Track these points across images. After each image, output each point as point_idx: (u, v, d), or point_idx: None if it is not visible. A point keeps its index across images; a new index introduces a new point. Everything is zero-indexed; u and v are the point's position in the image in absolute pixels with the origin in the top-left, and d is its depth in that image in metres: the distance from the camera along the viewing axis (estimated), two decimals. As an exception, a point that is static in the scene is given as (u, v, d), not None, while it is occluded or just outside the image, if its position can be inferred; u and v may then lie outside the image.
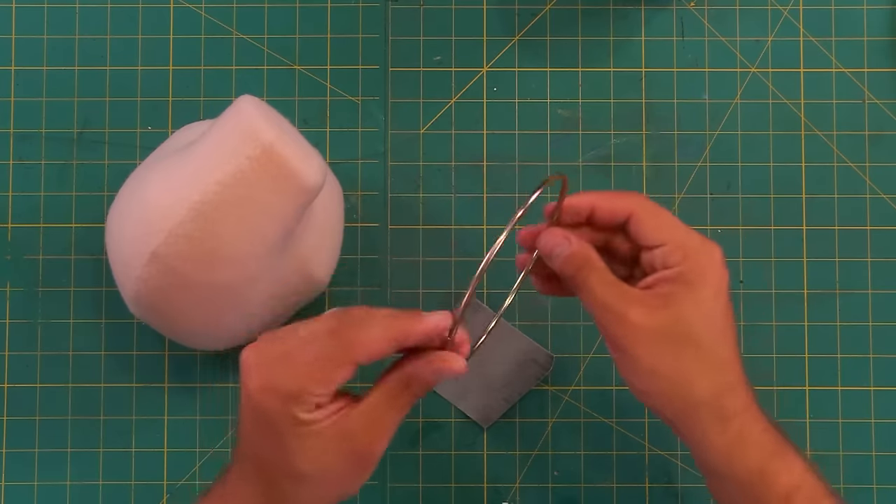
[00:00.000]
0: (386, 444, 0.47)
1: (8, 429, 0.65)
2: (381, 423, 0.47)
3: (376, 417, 0.47)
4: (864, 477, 0.64)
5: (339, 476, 0.47)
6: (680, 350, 0.46)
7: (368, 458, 0.47)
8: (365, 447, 0.46)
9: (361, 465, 0.47)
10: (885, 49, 0.66)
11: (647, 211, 0.48)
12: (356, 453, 0.46)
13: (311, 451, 0.46)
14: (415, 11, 0.67)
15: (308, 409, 0.45)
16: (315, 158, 0.56)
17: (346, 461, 0.46)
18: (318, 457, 0.46)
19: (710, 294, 0.47)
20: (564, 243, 0.48)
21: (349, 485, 0.48)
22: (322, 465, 0.46)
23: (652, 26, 0.67)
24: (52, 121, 0.66)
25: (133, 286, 0.56)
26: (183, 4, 0.67)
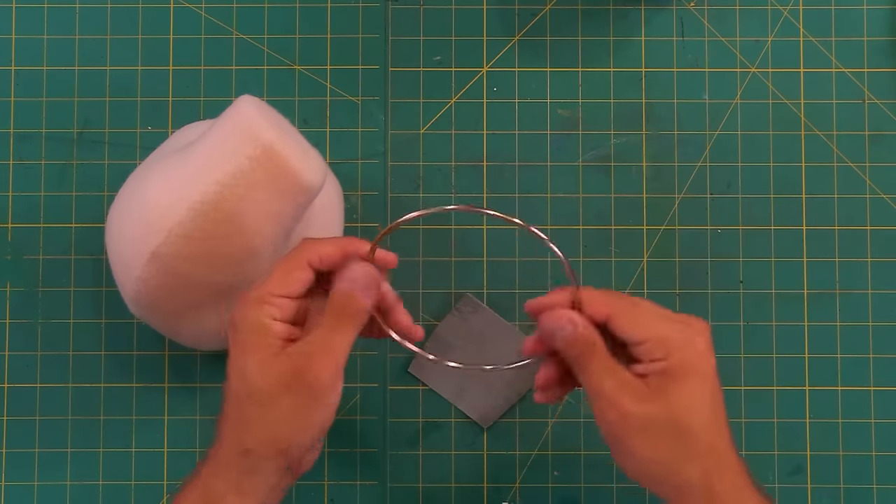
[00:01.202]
0: (330, 371, 0.48)
1: (8, 429, 0.65)
2: (323, 346, 0.48)
3: (319, 340, 0.49)
4: (864, 477, 0.64)
5: (289, 402, 0.48)
6: (671, 439, 0.48)
7: (314, 385, 0.48)
8: (308, 370, 0.48)
9: (308, 391, 0.48)
10: (885, 49, 0.66)
11: (623, 311, 0.49)
12: (301, 376, 0.48)
13: (265, 363, 0.48)
14: (415, 11, 0.67)
15: (271, 314, 0.49)
16: (315, 158, 0.56)
17: (292, 382, 0.48)
18: (270, 371, 0.48)
19: (696, 385, 0.48)
20: (569, 326, 0.49)
21: (302, 415, 0.48)
22: (271, 382, 0.48)
23: (652, 26, 0.67)
24: (52, 121, 0.66)
25: (133, 286, 0.56)
26: (183, 4, 0.67)
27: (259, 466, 0.48)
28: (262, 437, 0.48)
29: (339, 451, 0.65)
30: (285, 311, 0.49)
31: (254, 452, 0.48)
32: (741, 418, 0.64)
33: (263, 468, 0.48)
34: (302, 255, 0.50)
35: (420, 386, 0.65)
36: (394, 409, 0.65)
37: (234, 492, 0.49)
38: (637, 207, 0.65)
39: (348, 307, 0.49)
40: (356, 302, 0.49)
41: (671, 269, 0.65)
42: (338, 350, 0.49)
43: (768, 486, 0.64)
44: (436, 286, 0.65)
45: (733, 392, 0.64)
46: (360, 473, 0.64)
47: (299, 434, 0.49)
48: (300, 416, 0.48)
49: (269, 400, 0.48)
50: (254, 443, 0.48)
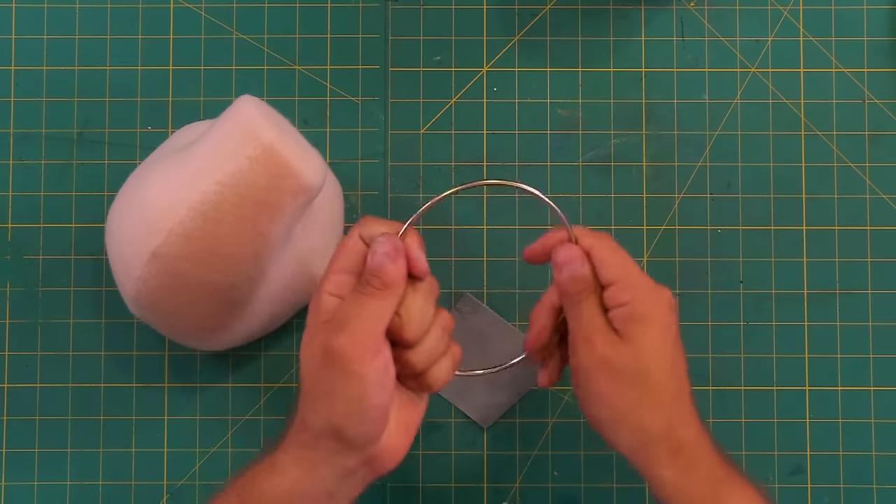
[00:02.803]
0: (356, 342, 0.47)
1: (8, 429, 0.65)
2: (349, 317, 0.48)
3: (346, 311, 0.48)
4: (864, 477, 0.64)
5: (325, 376, 0.48)
6: (637, 386, 0.50)
7: (341, 357, 0.47)
8: (335, 341, 0.47)
9: (337, 364, 0.47)
10: (885, 49, 0.66)
11: (604, 248, 0.51)
12: (329, 349, 0.48)
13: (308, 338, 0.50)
14: (415, 11, 0.67)
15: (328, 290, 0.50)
16: (315, 158, 0.56)
17: (323, 355, 0.48)
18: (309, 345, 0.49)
19: (658, 332, 0.50)
20: (578, 262, 0.51)
21: (339, 390, 0.48)
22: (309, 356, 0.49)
23: (652, 26, 0.67)
24: (52, 121, 0.66)
25: (133, 286, 0.56)
26: (183, 4, 0.67)
27: (314, 442, 0.49)
28: (312, 412, 0.49)
29: (339, 451, 0.65)
30: (340, 286, 0.50)
31: (308, 426, 0.49)
32: (741, 418, 0.64)
33: (318, 444, 0.49)
34: (355, 232, 0.51)
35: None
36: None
37: (297, 464, 0.49)
38: (637, 207, 0.65)
39: (376, 277, 0.49)
40: (384, 270, 0.49)
41: (671, 269, 0.65)
42: (366, 320, 0.48)
43: (768, 486, 0.64)
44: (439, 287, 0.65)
45: (733, 392, 0.64)
46: (360, 473, 0.64)
47: (341, 408, 0.48)
48: (337, 389, 0.48)
49: (312, 374, 0.49)
50: (307, 416, 0.49)
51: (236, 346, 0.63)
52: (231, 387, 0.65)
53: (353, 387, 0.47)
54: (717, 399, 0.64)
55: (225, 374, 0.65)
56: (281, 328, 0.64)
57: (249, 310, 0.59)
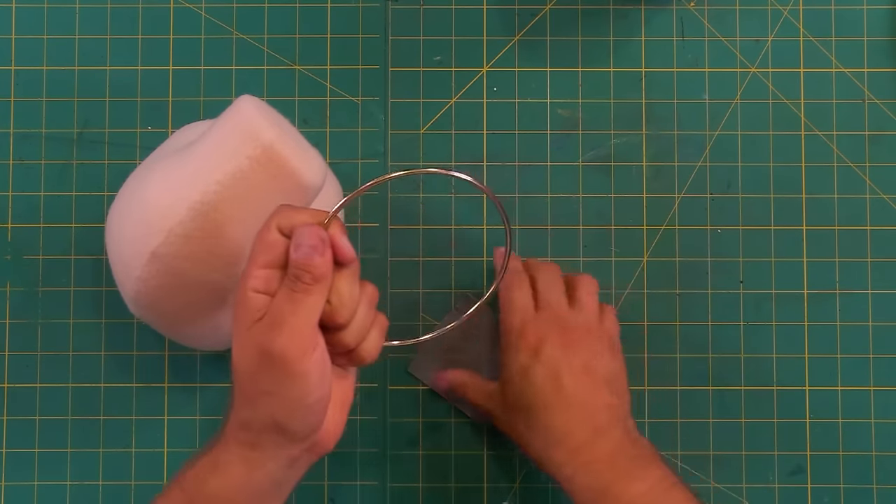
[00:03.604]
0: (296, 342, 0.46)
1: (8, 429, 0.65)
2: (284, 316, 0.46)
3: (280, 310, 0.47)
4: (864, 477, 0.64)
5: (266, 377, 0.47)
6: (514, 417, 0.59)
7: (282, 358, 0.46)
8: (273, 342, 0.46)
9: (279, 365, 0.46)
10: (885, 49, 0.66)
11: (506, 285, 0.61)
12: (267, 350, 0.46)
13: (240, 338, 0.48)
14: (415, 11, 0.67)
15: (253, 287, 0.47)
16: (315, 158, 0.56)
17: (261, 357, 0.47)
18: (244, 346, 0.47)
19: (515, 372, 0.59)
20: None
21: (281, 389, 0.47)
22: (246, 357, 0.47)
23: (652, 26, 0.67)
24: (52, 121, 0.66)
25: (133, 286, 0.56)
26: (183, 4, 0.67)
27: (258, 440, 0.48)
28: (253, 412, 0.48)
29: (339, 451, 0.64)
30: (266, 282, 0.47)
31: (250, 426, 0.48)
32: (741, 418, 0.64)
33: (262, 442, 0.48)
34: (272, 225, 0.48)
35: (420, 386, 0.65)
36: (394, 409, 0.65)
37: (241, 463, 0.49)
38: (637, 207, 0.65)
39: (306, 272, 0.47)
40: (312, 264, 0.46)
41: (671, 269, 0.65)
42: (302, 317, 0.46)
43: (768, 486, 0.64)
44: (436, 286, 0.65)
45: (733, 392, 0.64)
46: (360, 473, 0.64)
47: (285, 406, 0.47)
48: (279, 389, 0.47)
49: (249, 375, 0.48)
50: (247, 416, 0.48)
51: (236, 346, 0.63)
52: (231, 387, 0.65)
53: (296, 386, 0.47)
54: (717, 399, 0.64)
55: (225, 374, 0.65)
56: (281, 328, 0.64)
57: (249, 310, 0.59)
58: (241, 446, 0.49)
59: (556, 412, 0.57)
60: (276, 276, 0.48)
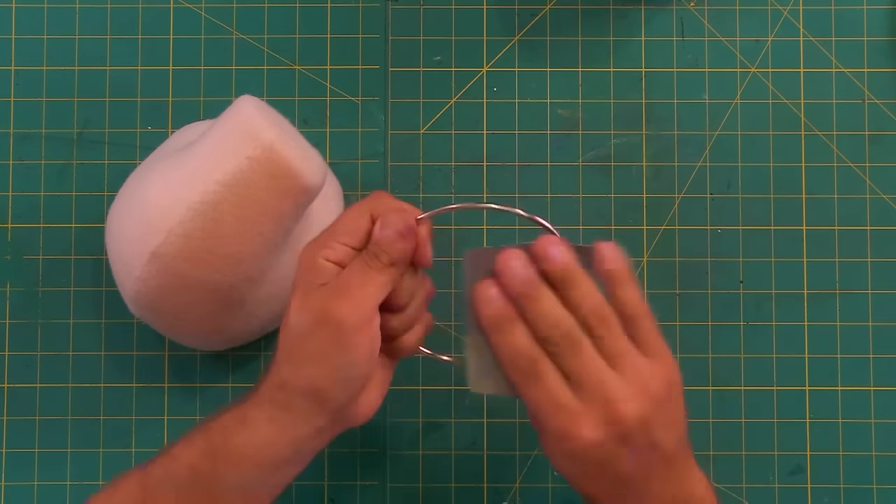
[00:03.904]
0: (358, 312, 0.48)
1: (8, 429, 0.65)
2: (352, 286, 0.48)
3: (350, 280, 0.48)
4: (864, 477, 0.64)
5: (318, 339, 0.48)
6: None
7: (341, 324, 0.47)
8: (336, 307, 0.47)
9: (335, 330, 0.47)
10: (885, 49, 0.66)
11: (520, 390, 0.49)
12: (328, 313, 0.47)
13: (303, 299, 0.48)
14: (415, 11, 0.67)
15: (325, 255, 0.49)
16: (315, 158, 0.56)
17: (320, 319, 0.48)
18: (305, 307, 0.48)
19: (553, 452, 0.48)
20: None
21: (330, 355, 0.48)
22: (305, 318, 0.48)
23: (652, 26, 0.67)
24: (52, 121, 0.66)
25: (133, 286, 0.56)
26: (183, 4, 0.67)
27: (292, 402, 0.49)
28: (295, 373, 0.49)
29: (339, 451, 0.65)
30: (341, 256, 0.49)
31: (287, 387, 0.49)
32: (741, 418, 0.64)
33: (296, 405, 0.49)
34: (366, 207, 0.50)
35: (420, 386, 0.65)
36: (394, 409, 0.65)
37: (270, 422, 0.49)
38: (637, 207, 0.65)
39: (385, 252, 0.49)
40: (394, 247, 0.49)
41: (671, 269, 0.65)
42: (369, 292, 0.48)
43: (768, 486, 0.64)
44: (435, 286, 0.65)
45: (733, 392, 0.64)
46: (360, 473, 0.64)
47: (328, 374, 0.48)
48: (328, 355, 0.48)
49: (301, 336, 0.48)
50: (287, 377, 0.49)
51: (236, 346, 0.63)
52: (231, 387, 0.65)
53: (346, 355, 0.48)
54: (717, 399, 0.64)
55: (225, 374, 0.65)
56: (281, 328, 0.64)
57: (249, 310, 0.59)
58: (273, 406, 0.49)
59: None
60: (350, 254, 0.50)
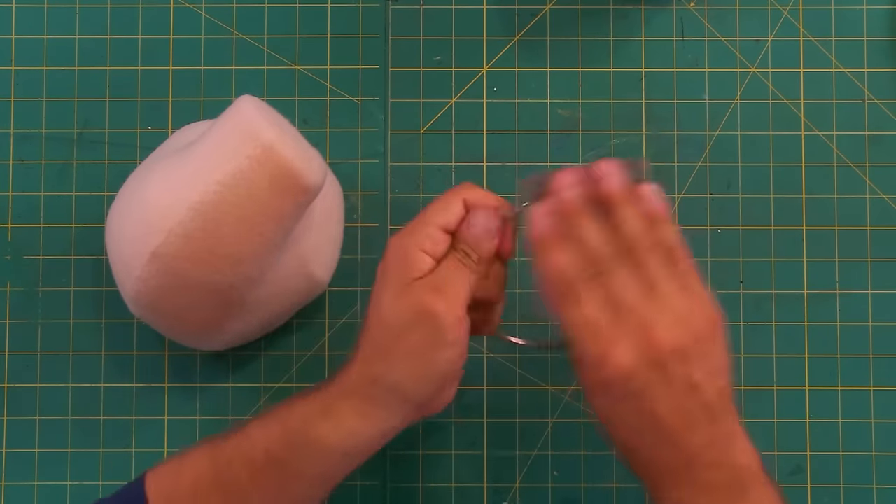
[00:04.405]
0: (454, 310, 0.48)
1: (8, 429, 0.65)
2: (447, 284, 0.48)
3: (444, 278, 0.49)
4: (864, 477, 0.64)
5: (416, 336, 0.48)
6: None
7: (440, 321, 0.48)
8: (436, 305, 0.48)
9: (434, 327, 0.48)
10: (885, 49, 0.66)
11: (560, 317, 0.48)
12: (428, 311, 0.48)
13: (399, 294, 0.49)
14: (415, 11, 0.67)
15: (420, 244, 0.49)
16: (315, 158, 0.56)
17: (419, 316, 0.48)
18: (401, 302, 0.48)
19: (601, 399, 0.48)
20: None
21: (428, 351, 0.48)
22: (402, 314, 0.48)
23: (652, 26, 0.67)
24: (52, 121, 0.66)
25: (133, 286, 0.56)
26: (183, 4, 0.67)
27: (384, 397, 0.49)
28: (390, 369, 0.49)
29: (339, 451, 0.65)
30: (436, 244, 0.49)
31: (381, 382, 0.49)
32: (741, 418, 0.64)
33: (388, 400, 0.49)
34: (459, 193, 0.51)
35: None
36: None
37: (357, 415, 0.49)
38: (637, 207, 0.65)
39: (474, 251, 0.49)
40: (481, 246, 0.50)
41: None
42: (463, 289, 0.49)
43: (768, 486, 0.64)
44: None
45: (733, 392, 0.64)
46: (360, 473, 0.64)
47: (424, 370, 0.49)
48: (426, 351, 0.48)
49: (398, 331, 0.48)
50: (382, 372, 0.49)
51: (236, 346, 0.63)
52: (231, 387, 0.65)
53: (443, 351, 0.48)
54: (717, 399, 0.64)
55: (225, 374, 0.65)
56: (281, 328, 0.64)
57: (249, 310, 0.59)
58: (363, 400, 0.49)
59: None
60: (444, 241, 0.50)
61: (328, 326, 0.65)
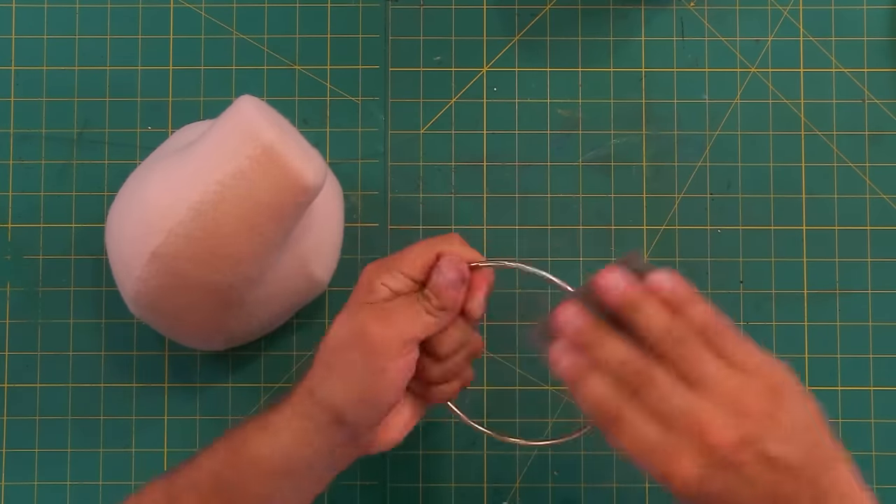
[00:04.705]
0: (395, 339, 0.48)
1: (8, 429, 0.65)
2: (397, 314, 0.49)
3: (397, 308, 0.49)
4: (864, 477, 0.64)
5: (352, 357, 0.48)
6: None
7: (376, 345, 0.48)
8: (374, 330, 0.48)
9: (370, 351, 0.48)
10: (885, 49, 0.66)
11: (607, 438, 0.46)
12: (366, 333, 0.48)
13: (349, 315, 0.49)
14: (415, 11, 0.67)
15: (384, 281, 0.50)
16: (315, 158, 0.56)
17: (359, 337, 0.48)
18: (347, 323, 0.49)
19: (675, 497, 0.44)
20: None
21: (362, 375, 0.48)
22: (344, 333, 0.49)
23: (652, 26, 0.67)
24: (52, 121, 0.66)
25: (133, 286, 0.56)
26: (183, 4, 0.67)
27: (314, 412, 0.49)
28: (322, 384, 0.49)
29: (339, 451, 0.65)
30: (400, 286, 0.50)
31: (313, 396, 0.49)
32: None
33: (317, 416, 0.49)
34: (436, 244, 0.51)
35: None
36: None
37: (290, 429, 0.49)
38: (637, 207, 0.65)
39: (436, 297, 0.50)
40: (444, 294, 0.50)
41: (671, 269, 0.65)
42: (412, 325, 0.49)
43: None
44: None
45: (733, 392, 0.64)
46: (360, 473, 0.64)
47: (353, 391, 0.48)
48: (356, 372, 0.48)
49: (336, 349, 0.49)
50: (315, 386, 0.49)
51: (236, 346, 0.63)
52: (231, 387, 0.65)
53: (373, 377, 0.48)
54: (717, 399, 0.64)
55: (225, 374, 0.65)
56: (281, 328, 0.64)
57: (249, 310, 0.59)
58: (295, 413, 0.49)
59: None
60: (409, 286, 0.50)
61: (328, 326, 0.65)
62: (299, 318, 0.64)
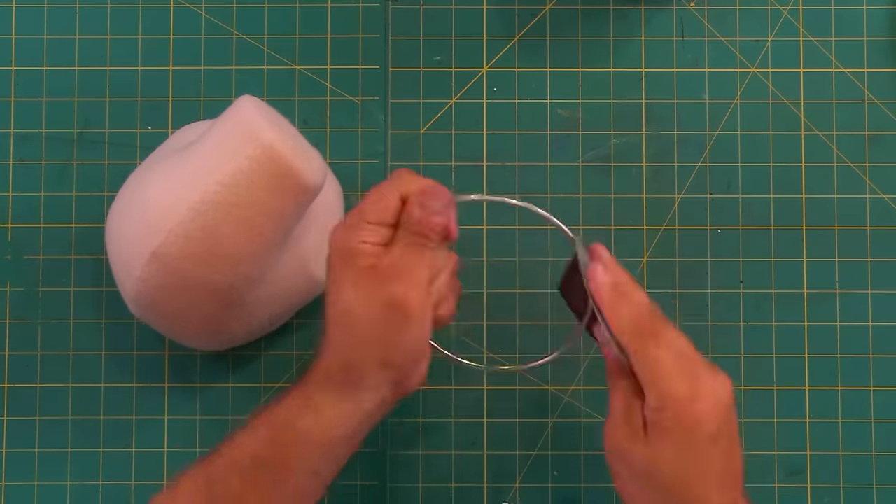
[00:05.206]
0: (419, 292, 0.50)
1: (8, 429, 0.65)
2: (407, 267, 0.50)
3: (402, 262, 0.50)
4: (864, 477, 0.64)
5: (386, 322, 0.49)
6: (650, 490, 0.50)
7: (407, 306, 0.49)
8: (399, 292, 0.49)
9: (402, 313, 0.49)
10: (885, 49, 0.66)
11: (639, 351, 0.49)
12: (393, 297, 0.49)
13: (359, 285, 0.50)
14: (415, 11, 0.67)
15: (361, 238, 0.50)
16: (315, 158, 0.56)
17: (386, 304, 0.49)
18: (364, 293, 0.50)
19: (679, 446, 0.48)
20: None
21: (400, 335, 0.50)
22: (367, 303, 0.49)
23: (652, 26, 0.67)
24: (52, 121, 0.66)
25: (133, 286, 0.56)
26: (183, 4, 0.67)
27: (362, 382, 0.50)
28: (363, 355, 0.50)
29: (339, 451, 0.65)
30: (376, 236, 0.50)
31: (356, 369, 0.50)
32: (741, 418, 0.64)
33: (366, 384, 0.50)
34: (393, 185, 0.51)
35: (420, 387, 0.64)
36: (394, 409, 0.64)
37: (336, 403, 0.50)
38: (637, 207, 0.65)
39: (434, 231, 0.50)
40: (440, 226, 0.50)
41: (671, 269, 0.65)
42: (423, 270, 0.50)
43: (768, 486, 0.64)
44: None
45: (733, 392, 0.64)
46: (360, 473, 0.64)
47: (398, 352, 0.50)
48: (398, 336, 0.50)
49: (369, 322, 0.49)
50: (355, 359, 0.50)
51: (236, 346, 0.63)
52: (231, 387, 0.65)
53: (415, 332, 0.50)
54: (717, 399, 0.64)
55: (225, 374, 0.65)
56: (281, 328, 0.64)
57: (249, 310, 0.59)
58: (338, 387, 0.50)
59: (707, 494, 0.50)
60: (385, 234, 0.51)
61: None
62: (299, 318, 0.64)
